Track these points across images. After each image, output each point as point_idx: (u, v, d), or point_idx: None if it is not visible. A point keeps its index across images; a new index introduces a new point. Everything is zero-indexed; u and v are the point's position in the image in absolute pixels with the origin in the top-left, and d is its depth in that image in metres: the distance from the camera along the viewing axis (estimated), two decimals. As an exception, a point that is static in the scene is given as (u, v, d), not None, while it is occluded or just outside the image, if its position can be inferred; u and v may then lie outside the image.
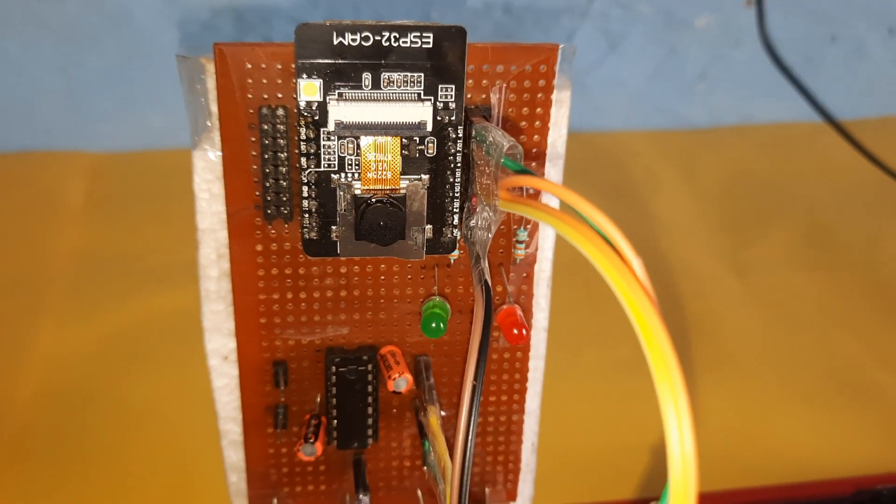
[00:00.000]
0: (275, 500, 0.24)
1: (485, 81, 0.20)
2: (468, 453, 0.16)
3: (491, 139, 0.18)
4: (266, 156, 0.20)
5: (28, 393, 0.37)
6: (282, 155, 0.19)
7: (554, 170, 0.21)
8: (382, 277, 0.22)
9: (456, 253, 0.21)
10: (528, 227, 0.21)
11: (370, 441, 0.23)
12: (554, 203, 0.20)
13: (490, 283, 0.17)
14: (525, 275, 0.22)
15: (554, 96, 0.21)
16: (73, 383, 0.38)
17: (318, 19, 0.17)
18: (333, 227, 0.19)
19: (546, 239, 0.22)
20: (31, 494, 0.33)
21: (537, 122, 0.21)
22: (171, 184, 0.51)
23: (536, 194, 0.18)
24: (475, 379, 0.16)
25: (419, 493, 0.24)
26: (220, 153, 0.20)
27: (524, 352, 0.23)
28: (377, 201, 0.19)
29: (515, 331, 0.21)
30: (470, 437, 0.16)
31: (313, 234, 0.20)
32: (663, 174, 0.58)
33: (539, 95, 0.20)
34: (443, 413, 0.23)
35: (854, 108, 0.62)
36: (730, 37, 0.60)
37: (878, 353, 0.43)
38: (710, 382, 0.41)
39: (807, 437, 0.38)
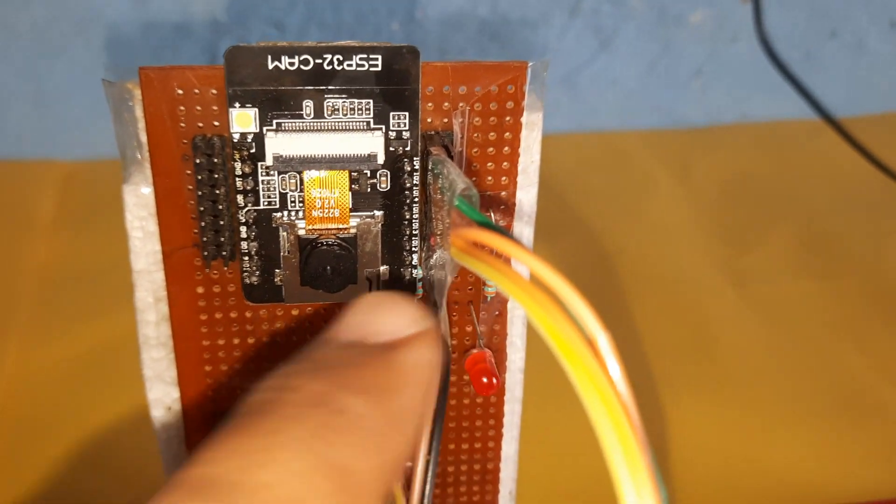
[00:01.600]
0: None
1: (446, 104, 0.18)
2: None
3: (446, 175, 0.16)
4: (202, 192, 0.18)
5: None
6: (219, 190, 0.17)
7: (526, 198, 0.19)
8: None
9: (419, 294, 0.19)
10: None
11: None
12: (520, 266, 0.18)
13: (448, 338, 0.15)
14: (497, 313, 0.20)
15: (524, 119, 0.18)
16: (36, 406, 0.37)
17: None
18: (277, 271, 0.17)
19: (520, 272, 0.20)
20: None
21: (506, 148, 0.19)
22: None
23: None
24: (429, 453, 0.14)
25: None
26: (151, 188, 0.18)
27: (499, 396, 0.21)
28: (323, 243, 0.17)
29: (485, 379, 0.19)
30: (427, 491, 0.14)
31: (254, 280, 0.18)
32: (658, 175, 0.56)
33: (507, 119, 0.18)
34: (408, 464, 0.21)
35: (855, 105, 0.60)
36: (726, 32, 0.58)
37: (884, 368, 0.41)
38: (708, 401, 0.39)
39: (810, 459, 0.37)
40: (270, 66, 0.16)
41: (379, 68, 0.16)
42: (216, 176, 0.17)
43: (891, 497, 0.33)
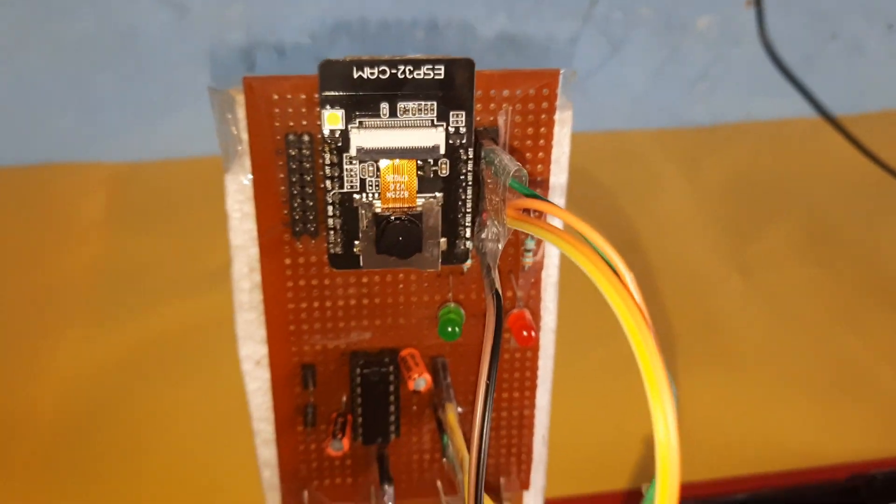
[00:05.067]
0: (305, 493, 0.26)
1: (492, 105, 0.22)
2: (483, 445, 0.18)
3: (498, 162, 0.20)
4: (293, 178, 0.21)
5: (51, 405, 0.38)
6: (307, 177, 0.21)
7: (558, 182, 0.23)
8: (401, 286, 0.23)
9: (468, 262, 0.22)
10: (535, 237, 0.23)
11: (393, 436, 0.25)
12: (557, 223, 0.22)
13: (500, 291, 0.19)
14: (533, 280, 0.24)
15: (556, 116, 0.22)
16: (95, 394, 0.38)
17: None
18: (356, 242, 0.21)
19: (552, 248, 0.24)
20: (64, 493, 0.34)
21: (541, 141, 0.22)
22: (188, 192, 0.53)
23: (540, 214, 0.19)
24: (488, 379, 0.18)
25: (439, 484, 0.26)
26: (250, 177, 0.22)
27: (534, 352, 0.25)
28: (396, 219, 0.20)
29: (525, 333, 0.23)
30: (485, 431, 0.18)
31: (338, 249, 0.21)
32: (666, 172, 0.59)
33: (542, 116, 0.22)
34: (459, 409, 0.25)
35: (855, 104, 0.63)
36: (730, 37, 0.61)
37: (878, 347, 0.44)
38: (714, 377, 0.42)
39: (805, 428, 0.40)
40: (355, 76, 0.20)
41: (442, 76, 0.20)
42: (305, 165, 0.21)
43: (879, 458, 0.37)
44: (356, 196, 0.21)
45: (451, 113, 0.20)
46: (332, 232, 0.21)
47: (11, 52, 0.53)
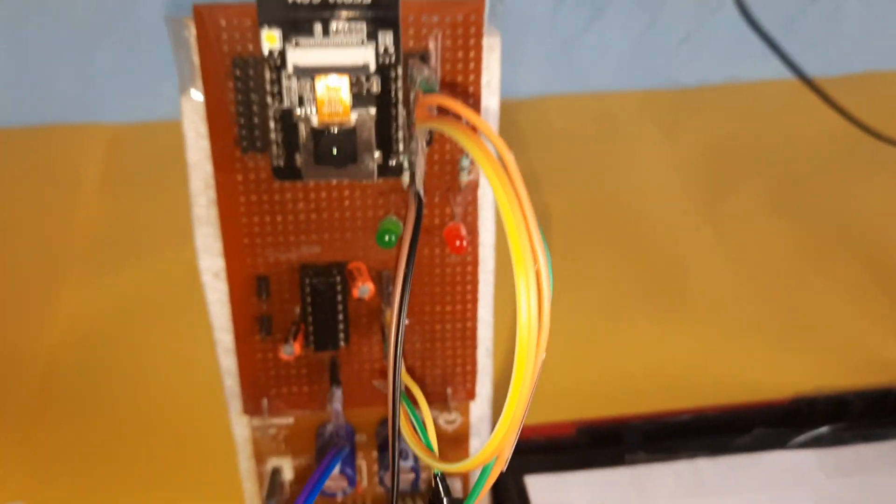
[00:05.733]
0: (265, 401, 0.28)
1: (424, 30, 0.24)
2: (400, 332, 0.20)
3: (417, 74, 0.22)
4: (240, 98, 0.23)
5: (51, 345, 0.41)
6: (253, 96, 0.23)
7: (489, 105, 0.25)
8: (347, 202, 0.25)
9: (406, 178, 0.24)
10: (470, 156, 0.25)
11: (342, 344, 0.27)
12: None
13: (422, 195, 0.21)
14: (470, 199, 0.26)
15: (484, 42, 0.24)
16: (92, 335, 0.42)
17: None
18: (297, 155, 0.23)
19: (486, 166, 0.26)
20: (59, 434, 0.37)
21: (472, 65, 0.24)
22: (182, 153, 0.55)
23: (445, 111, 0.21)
24: (406, 269, 0.20)
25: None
26: (202, 97, 0.24)
27: (473, 265, 0.27)
28: (330, 131, 0.22)
29: (457, 242, 0.25)
30: (402, 319, 0.20)
31: (281, 162, 0.23)
32: (647, 134, 0.61)
33: (471, 41, 0.24)
34: (407, 322, 0.27)
35: (836, 66, 0.64)
36: (711, 0, 0.62)
37: (834, 292, 0.46)
38: (679, 321, 0.44)
39: (766, 364, 0.42)
40: (290, 1, 0.21)
41: (369, 1, 0.22)
42: (251, 85, 0.23)
43: (838, 391, 0.38)
44: (296, 112, 0.23)
45: (380, 32, 0.22)
46: (275, 146, 0.23)
47: (13, 15, 0.55)
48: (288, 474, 0.30)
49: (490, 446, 0.17)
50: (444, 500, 0.22)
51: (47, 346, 0.41)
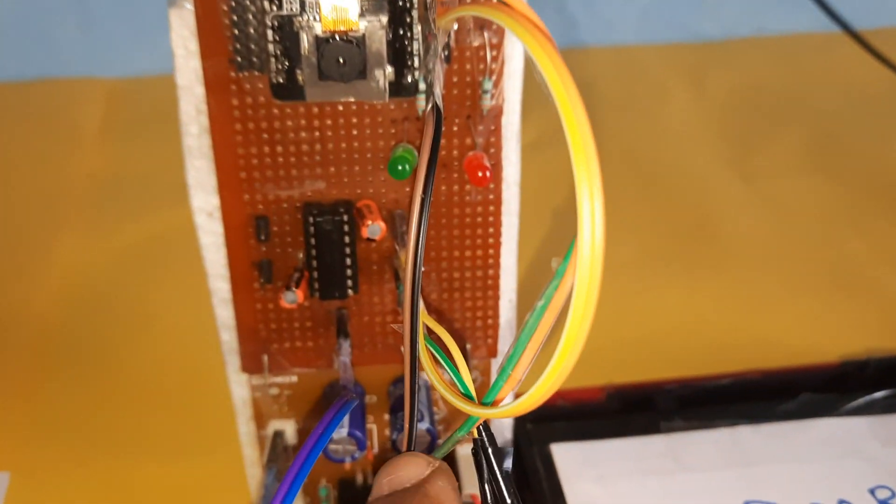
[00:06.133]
0: (265, 357, 0.25)
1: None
2: (419, 258, 0.17)
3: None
4: (234, 4, 0.20)
5: (49, 298, 0.40)
6: (249, 3, 0.20)
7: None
8: (355, 131, 0.23)
9: (421, 100, 0.21)
10: (493, 77, 0.22)
11: (350, 292, 0.24)
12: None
13: (441, 107, 0.18)
14: (493, 128, 0.23)
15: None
16: (90, 288, 0.41)
17: None
18: (298, 71, 0.20)
19: (512, 90, 0.23)
20: (49, 397, 0.35)
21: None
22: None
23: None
24: (423, 193, 0.17)
25: (402, 348, 0.26)
26: (192, 6, 0.21)
27: (496, 206, 0.24)
28: (336, 39, 0.19)
29: (480, 173, 0.22)
30: (420, 243, 0.17)
31: (281, 79, 0.21)
32: (673, 86, 0.58)
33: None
34: (423, 268, 0.24)
35: (872, 17, 0.60)
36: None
37: (879, 250, 0.43)
38: (712, 279, 0.41)
39: (803, 326, 0.39)
40: None
41: None
42: (246, -8, 0.20)
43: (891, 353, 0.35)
44: (297, 19, 0.20)
45: (393, -73, 0.19)
46: (274, 60, 0.20)
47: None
48: (291, 438, 0.27)
49: (548, 379, 0.14)
50: (491, 450, 0.19)
51: (41, 302, 0.39)
